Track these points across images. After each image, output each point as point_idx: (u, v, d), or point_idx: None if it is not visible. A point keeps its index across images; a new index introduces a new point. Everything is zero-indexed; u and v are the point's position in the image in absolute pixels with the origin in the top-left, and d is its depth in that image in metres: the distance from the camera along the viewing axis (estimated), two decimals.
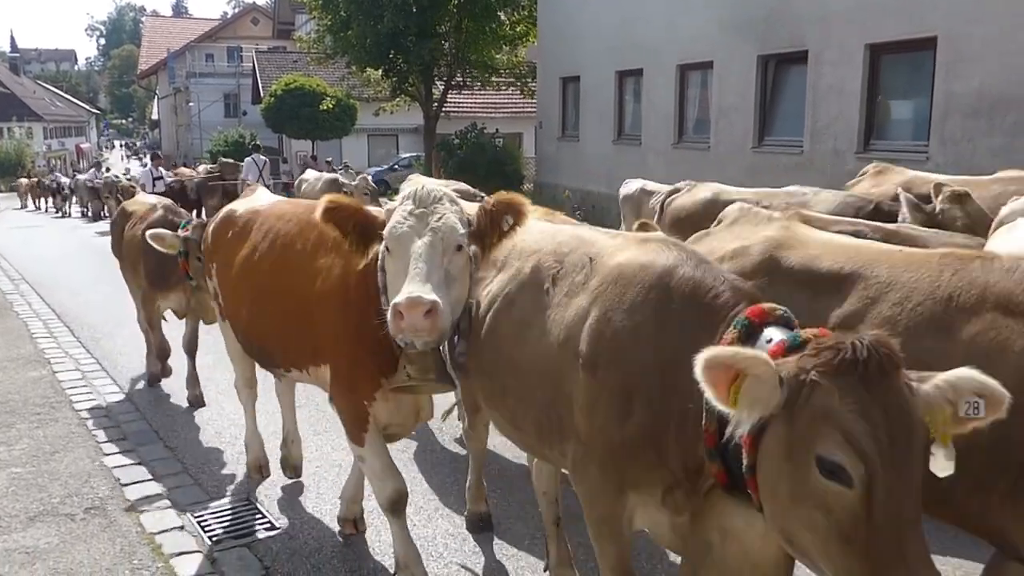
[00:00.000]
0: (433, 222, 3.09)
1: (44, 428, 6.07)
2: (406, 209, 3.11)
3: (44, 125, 66.13)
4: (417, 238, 3.04)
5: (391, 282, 3.12)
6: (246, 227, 4.34)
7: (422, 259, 2.99)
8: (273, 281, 3.98)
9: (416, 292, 2.86)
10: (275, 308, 3.99)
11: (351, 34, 21.13)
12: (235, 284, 4.35)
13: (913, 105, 10.48)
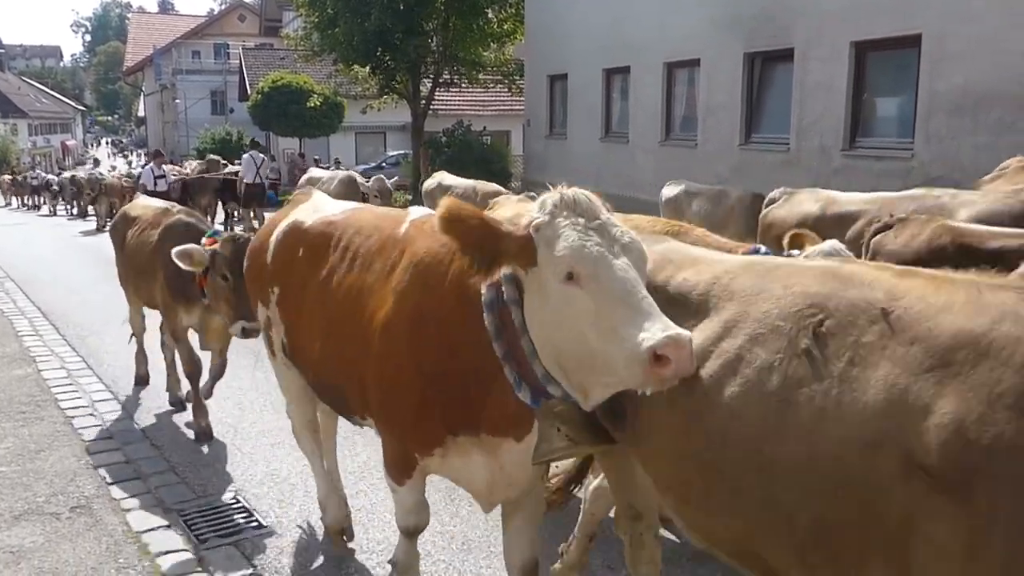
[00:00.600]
0: (624, 238, 2.43)
1: (29, 427, 6.04)
2: (576, 223, 2.40)
3: (29, 122, 65.68)
4: (614, 259, 2.35)
5: (579, 319, 2.31)
6: (319, 242, 3.57)
7: (641, 286, 2.32)
8: (349, 309, 3.23)
9: (675, 329, 2.17)
10: (350, 343, 3.23)
11: (338, 31, 21.06)
12: (307, 313, 3.56)
13: (898, 102, 10.54)
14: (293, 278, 3.67)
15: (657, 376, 2.17)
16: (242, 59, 39.94)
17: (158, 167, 18.33)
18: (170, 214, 6.27)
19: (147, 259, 6.13)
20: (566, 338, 2.36)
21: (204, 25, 59.96)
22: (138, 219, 6.50)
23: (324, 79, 29.06)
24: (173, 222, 6.09)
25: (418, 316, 2.85)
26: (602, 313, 2.28)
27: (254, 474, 5.21)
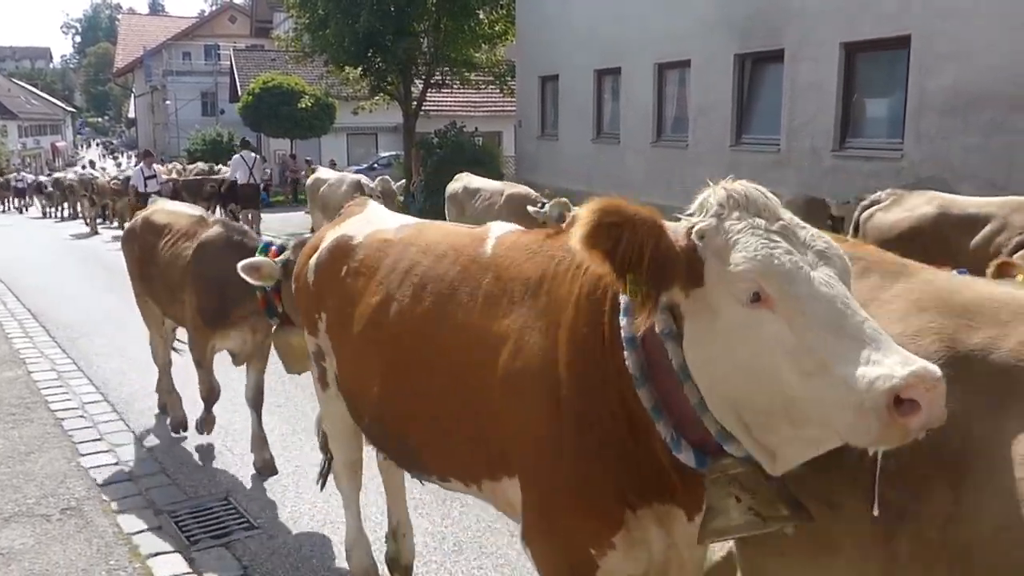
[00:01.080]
0: (818, 244, 1.86)
1: (19, 428, 6.02)
2: (756, 226, 1.84)
3: (19, 123, 65.40)
4: (812, 271, 1.77)
5: (772, 354, 1.73)
6: (372, 262, 3.02)
7: (857, 306, 1.73)
8: (424, 347, 2.68)
9: (918, 362, 1.58)
10: (427, 386, 2.67)
11: (329, 33, 20.99)
12: (359, 344, 2.98)
13: (888, 103, 10.58)
14: (344, 302, 3.09)
15: (901, 428, 1.57)
16: (233, 60, 39.85)
17: (148, 167, 18.17)
18: (206, 224, 5.47)
19: (178, 275, 5.33)
20: (751, 380, 1.78)
21: (195, 26, 59.81)
22: (166, 228, 5.64)
23: (315, 80, 29.02)
24: (213, 235, 5.26)
25: (551, 361, 2.22)
26: (807, 344, 1.69)
27: (245, 476, 5.21)
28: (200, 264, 5.16)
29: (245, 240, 5.14)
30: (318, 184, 13.36)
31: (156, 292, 5.82)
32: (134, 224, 6.18)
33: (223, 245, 5.11)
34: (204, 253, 5.18)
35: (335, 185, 12.55)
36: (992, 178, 8.91)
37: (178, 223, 5.62)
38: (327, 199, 12.30)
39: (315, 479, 4.26)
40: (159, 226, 5.73)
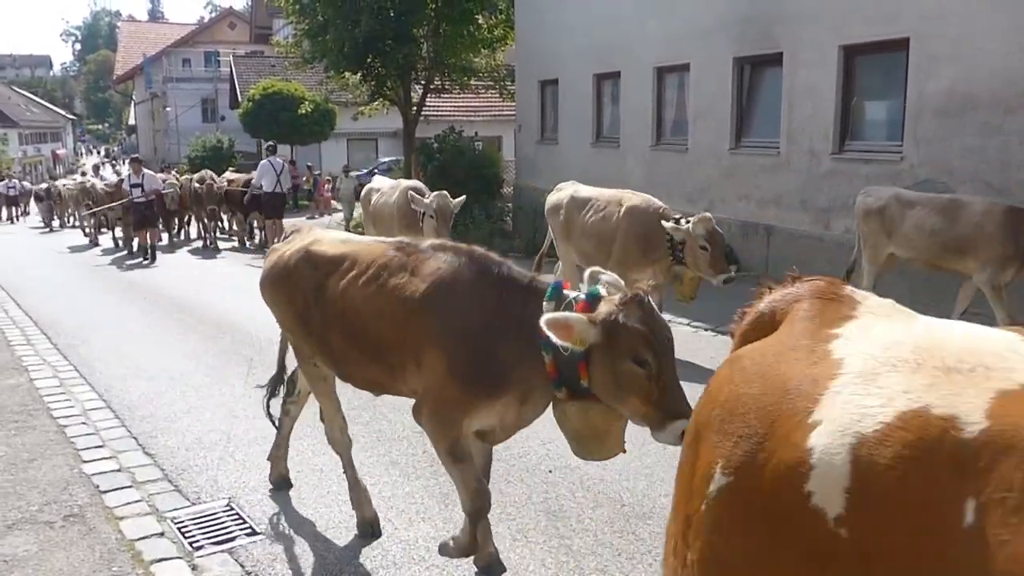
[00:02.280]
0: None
1: (22, 435, 6.03)
2: None
3: (20, 131, 65.51)
4: None
5: None
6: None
7: None
8: None
9: None
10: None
11: (329, 38, 21.04)
12: None
13: (887, 106, 10.59)
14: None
15: None
16: (232, 67, 39.97)
17: (136, 175, 17.38)
18: (426, 252, 3.92)
19: (399, 328, 3.83)
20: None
21: (194, 33, 59.99)
22: (347, 261, 4.09)
23: (315, 86, 29.07)
24: (460, 268, 3.79)
25: None
26: None
27: (247, 481, 5.22)
28: (448, 309, 3.72)
29: (515, 276, 3.83)
30: (370, 195, 11.48)
31: (342, 351, 4.20)
32: (284, 261, 4.44)
33: (487, 281, 3.78)
34: (453, 293, 3.73)
35: (386, 193, 11.08)
36: (990, 180, 8.94)
37: (367, 253, 4.09)
38: (379, 211, 10.96)
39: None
40: (333, 259, 4.18)
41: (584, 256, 8.59)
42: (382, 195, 11.04)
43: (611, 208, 8.48)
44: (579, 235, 8.75)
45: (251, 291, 12.71)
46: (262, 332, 9.38)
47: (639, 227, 7.99)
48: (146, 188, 17.19)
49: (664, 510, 4.56)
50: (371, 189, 11.70)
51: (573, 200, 8.98)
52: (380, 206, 10.88)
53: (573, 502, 4.77)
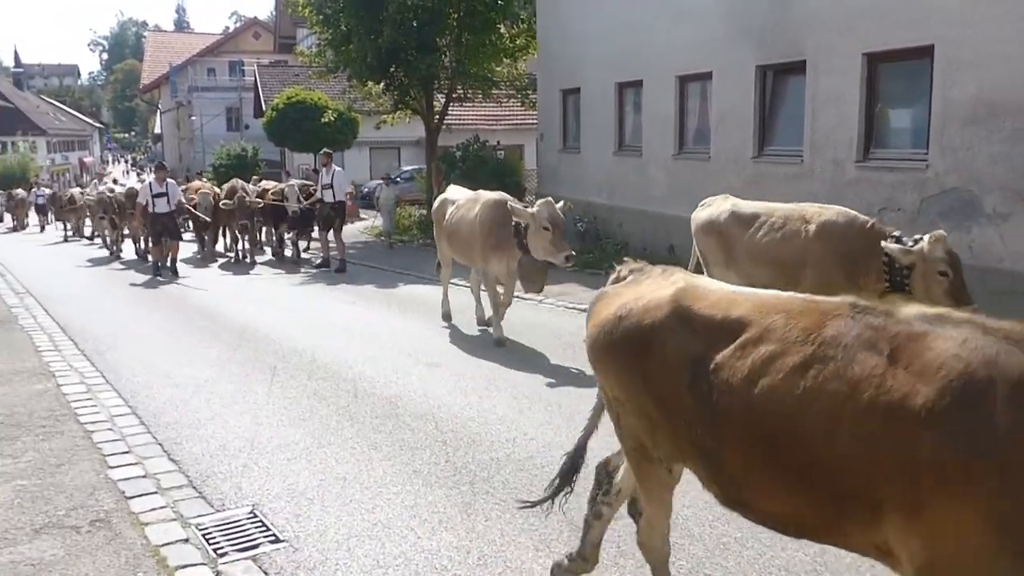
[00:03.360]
0: None
1: (49, 441, 6.10)
2: None
3: (48, 139, 66.49)
4: None
5: None
6: None
7: None
8: None
9: None
10: None
11: (352, 48, 21.17)
12: None
13: (912, 113, 10.51)
14: None
15: None
16: (257, 76, 40.27)
17: (159, 183, 16.00)
18: (940, 328, 2.43)
19: (872, 447, 2.41)
20: None
21: (219, 43, 60.56)
22: (772, 329, 2.75)
23: (338, 95, 29.26)
24: (996, 365, 2.25)
25: None
26: None
27: (271, 488, 5.25)
28: (989, 433, 2.20)
29: None
30: (444, 207, 10.27)
31: (738, 467, 3.04)
32: (637, 318, 3.20)
33: None
34: (993, 403, 2.23)
35: (466, 205, 9.73)
36: (1019, 188, 8.85)
37: (788, 315, 2.79)
38: (457, 228, 9.76)
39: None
40: (725, 322, 2.92)
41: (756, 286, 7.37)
42: (459, 208, 9.78)
43: (794, 225, 6.95)
44: (747, 260, 7.27)
45: (275, 301, 12.79)
46: (285, 341, 9.47)
47: (840, 246, 6.67)
48: (171, 198, 16.02)
49: (687, 521, 4.55)
50: (445, 200, 10.41)
51: (734, 217, 7.47)
52: (457, 222, 9.69)
53: None
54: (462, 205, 9.87)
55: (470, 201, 9.81)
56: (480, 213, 9.32)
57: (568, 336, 9.43)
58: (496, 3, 21.49)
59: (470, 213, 9.56)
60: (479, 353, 8.80)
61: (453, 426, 6.33)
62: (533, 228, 8.39)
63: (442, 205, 10.48)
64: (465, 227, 9.60)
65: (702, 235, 7.78)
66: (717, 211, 7.72)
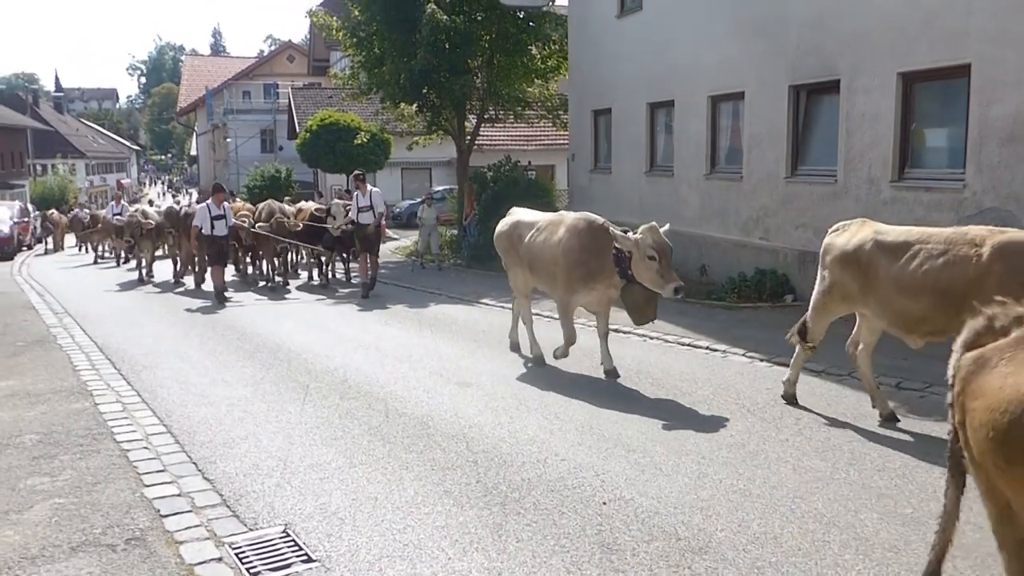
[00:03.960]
0: None
1: (87, 459, 6.17)
2: None
3: (87, 162, 67.91)
4: None
5: None
6: None
7: None
8: None
9: None
10: None
11: (385, 70, 21.42)
12: None
13: (948, 132, 10.41)
14: None
15: None
16: (291, 98, 40.84)
17: (217, 205, 15.24)
18: None
19: None
20: None
21: (254, 66, 61.51)
22: None
23: (371, 117, 29.55)
24: None
25: None
26: None
27: (303, 508, 5.26)
28: None
29: None
30: (517, 231, 9.28)
31: None
32: None
33: None
34: None
35: (544, 229, 8.83)
36: None
37: None
38: (537, 254, 8.83)
39: None
40: None
41: (908, 320, 6.42)
42: (539, 232, 8.84)
43: (960, 250, 6.04)
44: (894, 290, 6.39)
45: (307, 321, 12.84)
46: (317, 360, 9.52)
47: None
48: (229, 221, 15.40)
49: (721, 545, 4.49)
50: (518, 224, 9.37)
51: (880, 246, 6.55)
52: (539, 247, 8.75)
53: (628, 535, 4.71)
54: (542, 228, 8.88)
55: (552, 224, 8.81)
56: (565, 239, 8.38)
57: (598, 356, 9.39)
58: (528, 25, 21.66)
59: (553, 237, 8.60)
60: (510, 373, 8.80)
61: (484, 446, 6.32)
62: (637, 256, 7.64)
63: (514, 229, 9.40)
64: (547, 253, 8.62)
65: (838, 265, 6.89)
66: (859, 240, 6.79)
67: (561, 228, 8.56)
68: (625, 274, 7.81)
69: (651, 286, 7.63)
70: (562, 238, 8.45)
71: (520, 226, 9.31)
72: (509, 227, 9.55)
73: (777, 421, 6.77)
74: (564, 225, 8.58)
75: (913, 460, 5.69)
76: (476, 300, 14.28)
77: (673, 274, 7.58)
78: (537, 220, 9.20)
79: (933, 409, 6.93)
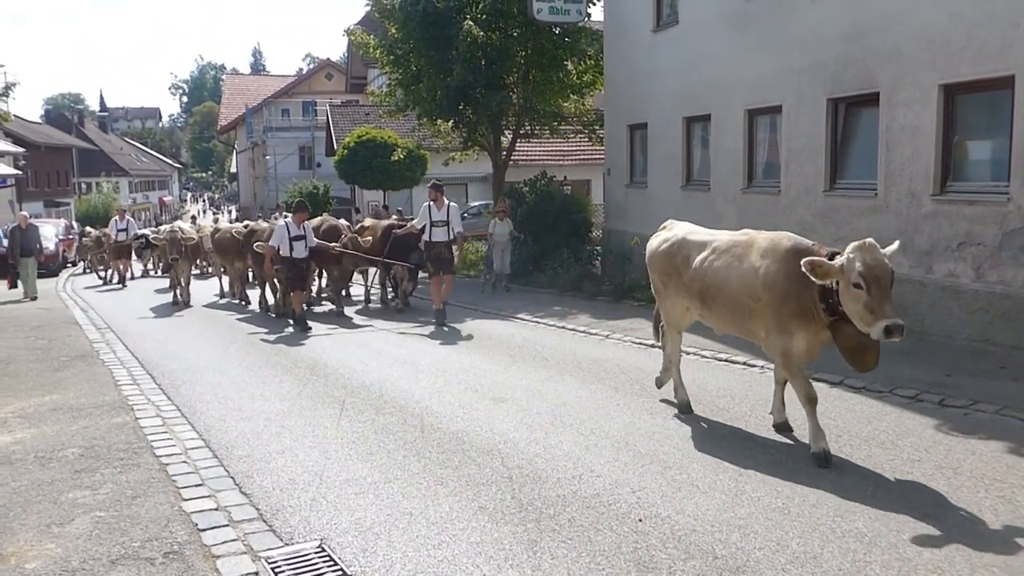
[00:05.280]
0: None
1: (127, 473, 6.25)
2: None
3: (130, 179, 69.22)
4: None
5: None
6: None
7: None
8: None
9: None
10: None
11: (421, 87, 21.60)
12: None
13: (991, 145, 10.22)
14: None
15: None
16: (329, 115, 41.29)
17: (297, 225, 13.82)
18: None
19: None
20: None
21: (293, 84, 62.41)
22: None
23: (407, 133, 29.78)
24: None
25: None
26: None
27: (339, 523, 5.28)
28: None
29: None
30: (683, 251, 7.38)
31: None
32: None
33: None
34: None
35: (732, 254, 6.83)
36: None
37: None
38: (719, 284, 6.84)
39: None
40: None
41: None
42: (716, 254, 6.97)
43: None
44: None
45: (344, 336, 12.89)
46: (354, 375, 9.57)
47: None
48: (310, 242, 13.99)
49: (759, 564, 4.43)
50: (683, 242, 7.43)
51: None
52: (721, 274, 6.83)
53: (664, 553, 4.66)
54: (722, 249, 6.95)
55: (737, 245, 6.86)
56: (767, 266, 6.42)
57: (635, 372, 9.34)
58: (564, 40, 21.73)
59: (743, 263, 6.66)
60: (545, 389, 8.77)
61: (519, 462, 6.30)
62: (843, 284, 5.77)
63: (678, 249, 7.46)
64: (737, 284, 6.65)
65: None
66: None
67: (754, 251, 6.64)
68: (835, 309, 5.98)
69: (857, 322, 5.75)
70: (761, 265, 6.48)
71: (686, 245, 7.38)
72: (671, 245, 7.57)
73: None
74: (758, 247, 6.65)
75: (957, 480, 5.56)
76: (512, 315, 14.27)
77: (888, 307, 5.58)
78: (712, 239, 7.22)
79: (978, 427, 6.78)
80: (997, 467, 5.73)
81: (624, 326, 12.39)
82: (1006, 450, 5.77)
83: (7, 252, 21.89)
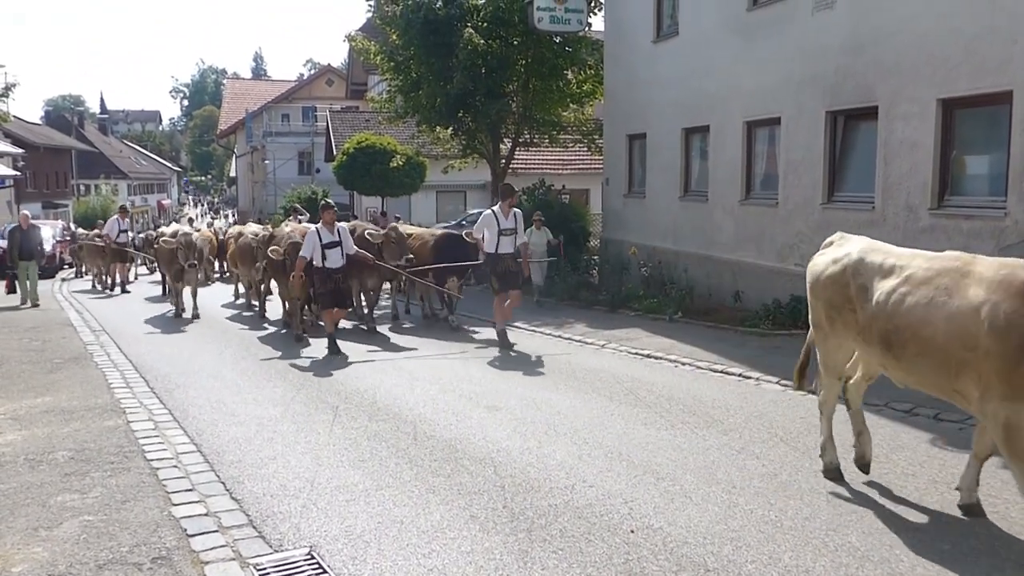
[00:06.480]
0: None
1: (117, 477, 6.22)
2: None
3: (129, 182, 69.20)
4: None
5: None
6: None
7: None
8: None
9: None
10: None
11: (421, 95, 21.60)
12: None
13: (989, 160, 10.23)
14: None
15: None
16: (329, 121, 41.31)
17: (329, 229, 11.70)
18: None
19: None
20: None
21: (293, 89, 62.46)
22: None
23: (407, 140, 29.78)
24: None
25: None
26: None
27: (329, 530, 5.24)
28: None
29: None
30: (862, 275, 5.56)
31: None
32: None
33: None
34: None
35: (928, 283, 5.02)
36: None
37: None
38: (916, 321, 5.02)
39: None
40: None
41: None
42: (910, 285, 5.14)
43: None
44: None
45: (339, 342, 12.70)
46: (348, 381, 9.54)
47: None
48: (347, 249, 11.86)
49: None
50: (861, 264, 5.56)
51: None
52: (919, 311, 4.99)
53: (655, 565, 4.63)
54: (920, 278, 5.11)
55: (945, 273, 4.98)
56: (996, 304, 4.57)
57: (630, 382, 9.31)
58: (564, 50, 21.74)
59: (954, 298, 4.82)
60: (540, 398, 8.74)
61: (512, 471, 6.27)
62: None
63: (854, 272, 5.61)
64: (942, 324, 4.84)
65: None
66: None
67: (972, 283, 4.79)
68: None
69: None
70: (986, 302, 4.64)
71: (865, 269, 5.55)
72: (843, 269, 5.72)
73: (811, 451, 6.64)
74: (980, 277, 4.78)
75: (951, 494, 5.54)
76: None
77: None
78: (902, 262, 5.34)
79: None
80: (991, 482, 5.70)
81: (620, 336, 12.37)
82: (1000, 465, 5.74)
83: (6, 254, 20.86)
